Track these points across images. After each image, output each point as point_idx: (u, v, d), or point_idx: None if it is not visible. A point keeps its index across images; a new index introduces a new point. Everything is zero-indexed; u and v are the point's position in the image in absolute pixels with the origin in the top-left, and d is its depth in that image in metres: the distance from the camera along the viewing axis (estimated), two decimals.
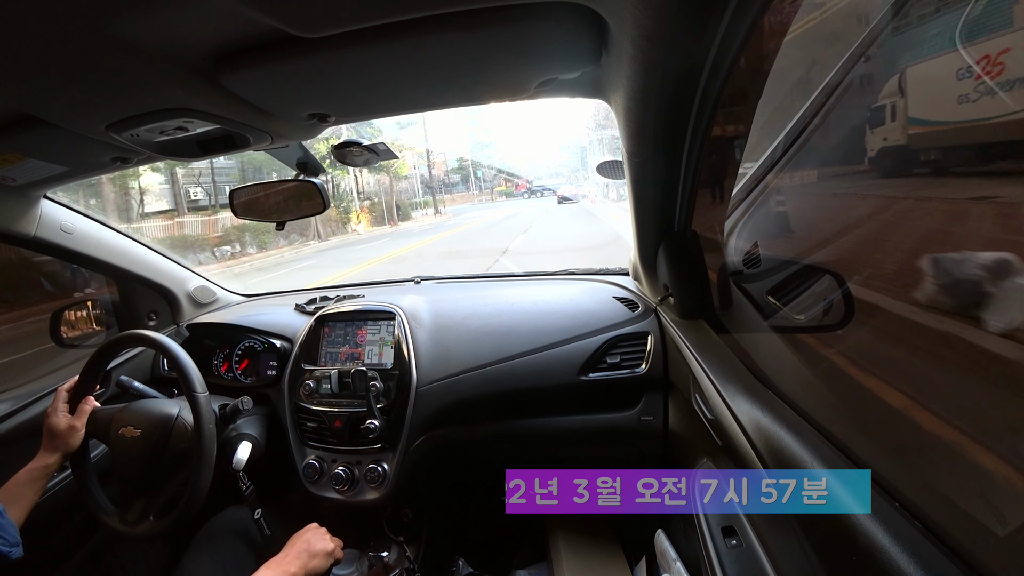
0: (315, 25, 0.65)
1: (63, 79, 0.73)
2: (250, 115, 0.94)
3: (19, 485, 1.08)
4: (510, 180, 42.55)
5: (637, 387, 1.38)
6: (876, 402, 0.91)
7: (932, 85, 0.92)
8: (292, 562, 1.11)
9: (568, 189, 27.32)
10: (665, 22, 0.60)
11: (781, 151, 1.17)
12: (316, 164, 1.30)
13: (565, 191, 26.06)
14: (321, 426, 1.42)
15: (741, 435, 0.84)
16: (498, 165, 50.30)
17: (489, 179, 43.81)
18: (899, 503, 0.59)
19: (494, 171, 44.73)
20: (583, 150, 40.62)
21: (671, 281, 1.26)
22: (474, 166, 43.38)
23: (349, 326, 1.53)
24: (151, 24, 0.63)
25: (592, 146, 31.04)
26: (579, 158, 41.36)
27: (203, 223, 15.26)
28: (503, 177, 43.89)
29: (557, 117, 58.47)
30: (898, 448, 0.82)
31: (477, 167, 43.01)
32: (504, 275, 1.99)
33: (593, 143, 31.06)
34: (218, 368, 1.62)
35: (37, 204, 1.36)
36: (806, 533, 0.65)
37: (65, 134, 0.95)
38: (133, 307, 1.75)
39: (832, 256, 1.22)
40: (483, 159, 49.24)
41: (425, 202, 29.45)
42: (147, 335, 1.24)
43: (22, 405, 1.40)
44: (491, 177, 43.86)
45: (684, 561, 1.11)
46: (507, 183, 42.36)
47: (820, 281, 1.16)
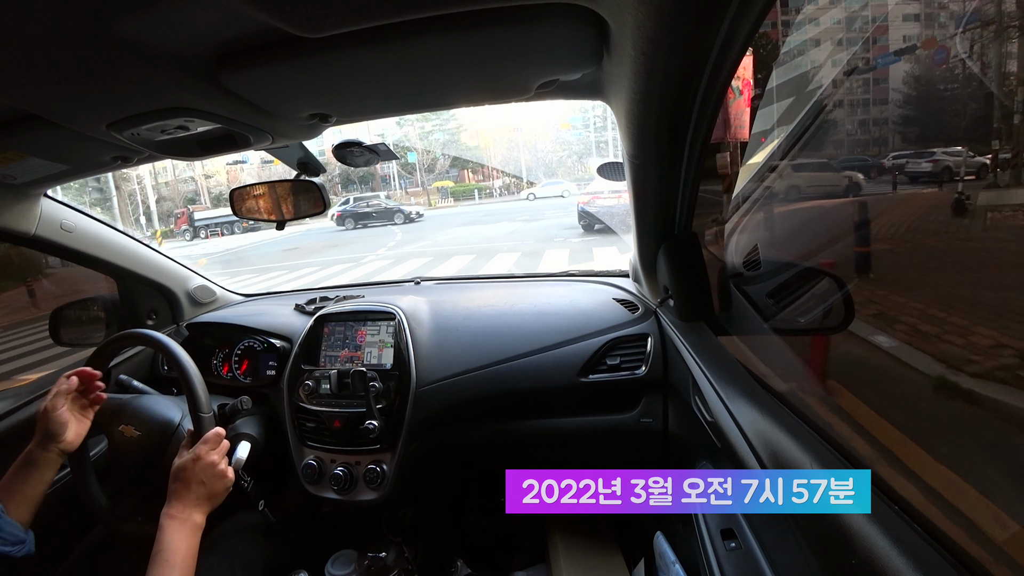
0: (316, 25, 0.65)
1: (65, 78, 0.73)
2: (251, 115, 0.94)
3: (11, 481, 1.02)
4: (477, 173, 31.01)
5: (637, 389, 1.38)
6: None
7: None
8: (195, 510, 0.97)
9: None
10: (666, 24, 0.60)
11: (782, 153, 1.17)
12: (317, 164, 1.31)
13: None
14: (320, 426, 1.42)
15: (741, 437, 0.83)
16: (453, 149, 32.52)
17: (436, 171, 30.97)
18: (898, 506, 0.59)
19: (443, 158, 30.73)
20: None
21: (671, 283, 1.26)
22: (400, 150, 27.57)
23: (349, 326, 1.53)
24: (153, 24, 0.63)
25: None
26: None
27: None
28: (463, 168, 31.32)
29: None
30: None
31: (405, 151, 28.52)
32: (504, 276, 1.99)
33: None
34: (218, 368, 1.62)
35: (37, 202, 1.36)
36: (805, 536, 0.65)
37: (66, 133, 0.95)
38: (133, 306, 1.75)
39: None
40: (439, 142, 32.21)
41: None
42: (151, 335, 1.23)
43: (20, 404, 1.40)
44: (438, 167, 30.87)
45: (683, 563, 1.11)
46: (473, 176, 31.39)
47: (820, 283, 1.16)
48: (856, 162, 4.65)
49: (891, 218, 3.55)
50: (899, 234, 3.29)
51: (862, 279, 2.72)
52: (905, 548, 0.52)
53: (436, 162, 31.07)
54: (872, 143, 5.50)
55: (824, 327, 1.16)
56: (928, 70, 4.70)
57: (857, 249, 2.85)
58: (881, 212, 3.59)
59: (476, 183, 30.87)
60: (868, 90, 5.27)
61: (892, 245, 3.11)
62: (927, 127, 4.85)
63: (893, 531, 0.54)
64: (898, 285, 2.81)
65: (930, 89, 4.80)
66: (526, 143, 31.78)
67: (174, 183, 28.87)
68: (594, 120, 29.11)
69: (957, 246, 2.85)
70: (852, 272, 2.67)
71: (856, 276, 2.69)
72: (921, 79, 4.97)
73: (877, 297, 2.62)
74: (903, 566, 0.50)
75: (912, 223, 3.50)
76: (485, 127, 32.48)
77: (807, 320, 1.14)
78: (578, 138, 31.35)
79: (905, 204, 3.81)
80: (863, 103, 5.28)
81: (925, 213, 3.59)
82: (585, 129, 30.85)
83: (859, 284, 2.66)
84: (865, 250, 2.85)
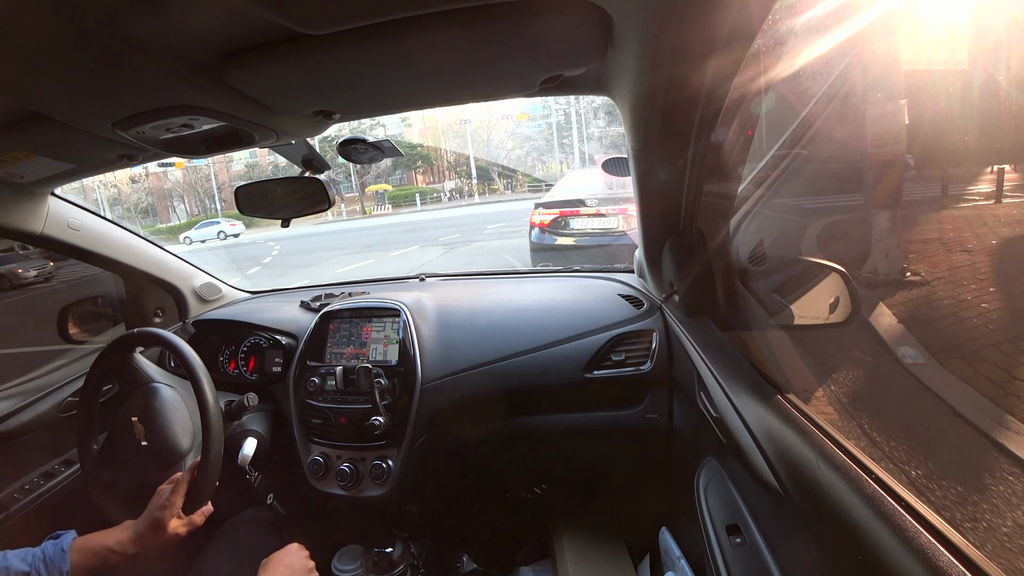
0: (321, 22, 0.65)
1: (71, 77, 0.74)
2: (255, 112, 0.94)
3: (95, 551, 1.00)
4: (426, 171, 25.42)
5: (642, 385, 1.38)
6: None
7: None
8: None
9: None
10: (670, 17, 0.59)
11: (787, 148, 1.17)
12: (321, 161, 1.31)
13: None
14: (326, 423, 1.43)
15: (746, 433, 0.83)
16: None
17: (377, 173, 25.99)
18: (904, 502, 0.59)
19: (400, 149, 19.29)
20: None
21: (676, 278, 1.26)
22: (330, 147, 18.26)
23: (354, 323, 1.54)
24: (159, 23, 0.63)
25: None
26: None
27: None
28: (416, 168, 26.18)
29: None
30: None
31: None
32: (509, 272, 1.99)
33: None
34: (224, 365, 1.62)
35: (44, 201, 1.36)
36: (811, 532, 0.65)
37: (72, 132, 0.96)
38: (140, 304, 1.76)
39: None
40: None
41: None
42: (159, 334, 1.22)
43: (26, 403, 1.41)
44: (381, 168, 25.87)
45: (688, 558, 1.11)
46: (423, 179, 25.51)
47: (826, 278, 1.16)
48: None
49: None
50: None
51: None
52: (911, 545, 0.52)
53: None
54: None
55: (830, 323, 1.15)
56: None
57: None
58: None
59: (425, 186, 27.26)
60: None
61: None
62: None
63: (900, 528, 0.54)
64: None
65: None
66: (476, 137, 26.68)
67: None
68: (556, 112, 24.46)
69: None
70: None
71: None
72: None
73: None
74: (910, 563, 0.50)
75: None
76: (435, 123, 27.99)
77: (812, 316, 1.14)
78: (538, 131, 26.48)
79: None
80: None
81: None
82: (546, 120, 25.84)
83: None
84: None
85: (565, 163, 24.02)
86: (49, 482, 1.38)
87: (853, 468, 0.64)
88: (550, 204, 5.24)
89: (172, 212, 27.01)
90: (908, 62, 1.35)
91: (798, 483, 0.69)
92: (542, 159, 26.33)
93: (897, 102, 1.39)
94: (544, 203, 5.31)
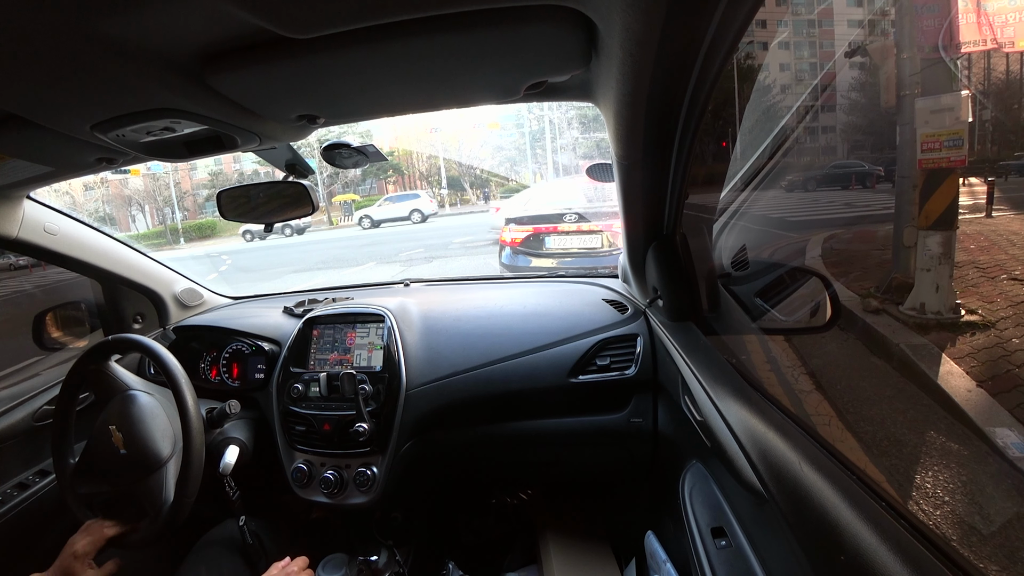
0: (304, 26, 0.65)
1: (47, 78, 0.72)
2: (238, 116, 0.93)
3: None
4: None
5: (627, 389, 1.39)
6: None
7: None
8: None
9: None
10: (654, 26, 0.60)
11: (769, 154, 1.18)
12: (305, 165, 1.30)
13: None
14: (310, 430, 1.41)
15: (730, 436, 0.84)
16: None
17: (346, 182, 25.49)
18: (885, 502, 0.60)
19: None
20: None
21: (660, 283, 1.27)
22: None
23: (338, 329, 1.52)
24: (137, 23, 0.62)
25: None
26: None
27: None
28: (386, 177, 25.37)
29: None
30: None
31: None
32: (494, 278, 2.00)
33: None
34: (206, 371, 1.60)
35: (20, 205, 1.33)
36: (794, 533, 0.66)
37: (49, 134, 0.94)
38: (119, 310, 1.73)
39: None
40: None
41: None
42: (138, 340, 1.20)
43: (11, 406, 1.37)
44: (349, 177, 25.25)
45: (674, 562, 1.12)
46: (394, 188, 25.11)
47: (807, 283, 1.18)
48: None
49: None
50: None
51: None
52: (893, 544, 0.52)
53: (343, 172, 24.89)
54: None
55: (811, 327, 1.17)
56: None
57: None
58: None
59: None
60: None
61: None
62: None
63: (881, 528, 0.55)
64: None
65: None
66: (447, 146, 26.14)
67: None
68: (529, 121, 23.80)
69: None
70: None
71: None
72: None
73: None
74: (891, 562, 0.51)
75: None
76: (406, 131, 27.10)
77: (794, 320, 1.16)
78: (510, 140, 25.89)
79: None
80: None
81: None
82: (518, 129, 25.21)
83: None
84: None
85: (539, 174, 23.29)
86: (23, 493, 1.34)
87: (835, 469, 0.65)
88: (523, 220, 4.61)
89: (132, 222, 26.28)
90: (968, 42, 1.09)
91: (781, 485, 0.69)
92: (515, 169, 25.74)
93: (956, 94, 1.16)
94: (516, 218, 4.70)
